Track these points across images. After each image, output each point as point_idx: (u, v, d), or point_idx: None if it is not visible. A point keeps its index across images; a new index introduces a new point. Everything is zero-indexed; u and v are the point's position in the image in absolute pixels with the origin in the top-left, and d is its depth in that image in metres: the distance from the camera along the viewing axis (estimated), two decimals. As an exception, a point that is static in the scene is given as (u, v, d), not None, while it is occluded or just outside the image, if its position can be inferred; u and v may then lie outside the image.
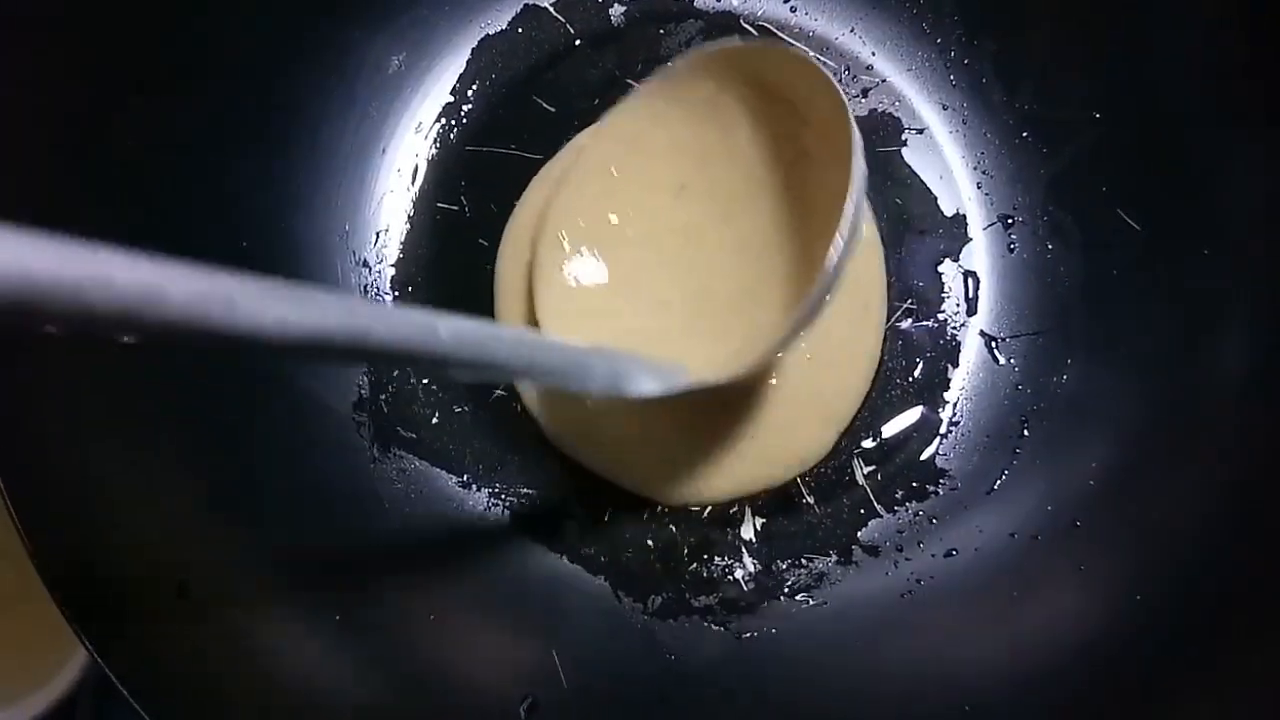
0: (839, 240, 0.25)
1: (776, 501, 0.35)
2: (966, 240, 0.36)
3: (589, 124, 0.37)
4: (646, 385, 0.27)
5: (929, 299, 0.36)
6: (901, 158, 0.37)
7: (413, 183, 0.38)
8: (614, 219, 0.33)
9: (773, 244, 0.31)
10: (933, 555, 0.34)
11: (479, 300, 0.37)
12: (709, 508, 0.35)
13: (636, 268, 0.33)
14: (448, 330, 0.19)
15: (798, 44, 0.37)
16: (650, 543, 0.35)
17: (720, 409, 0.35)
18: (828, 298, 0.26)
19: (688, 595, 0.35)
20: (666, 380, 0.27)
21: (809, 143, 0.30)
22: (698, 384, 0.28)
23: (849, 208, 0.25)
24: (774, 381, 0.35)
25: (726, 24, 0.38)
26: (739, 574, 0.35)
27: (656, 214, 0.33)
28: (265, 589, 0.30)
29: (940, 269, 0.36)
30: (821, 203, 0.29)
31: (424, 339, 0.18)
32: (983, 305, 0.36)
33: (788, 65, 0.29)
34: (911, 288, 0.36)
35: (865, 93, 0.37)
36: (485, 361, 0.20)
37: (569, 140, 0.37)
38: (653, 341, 0.31)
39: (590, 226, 0.33)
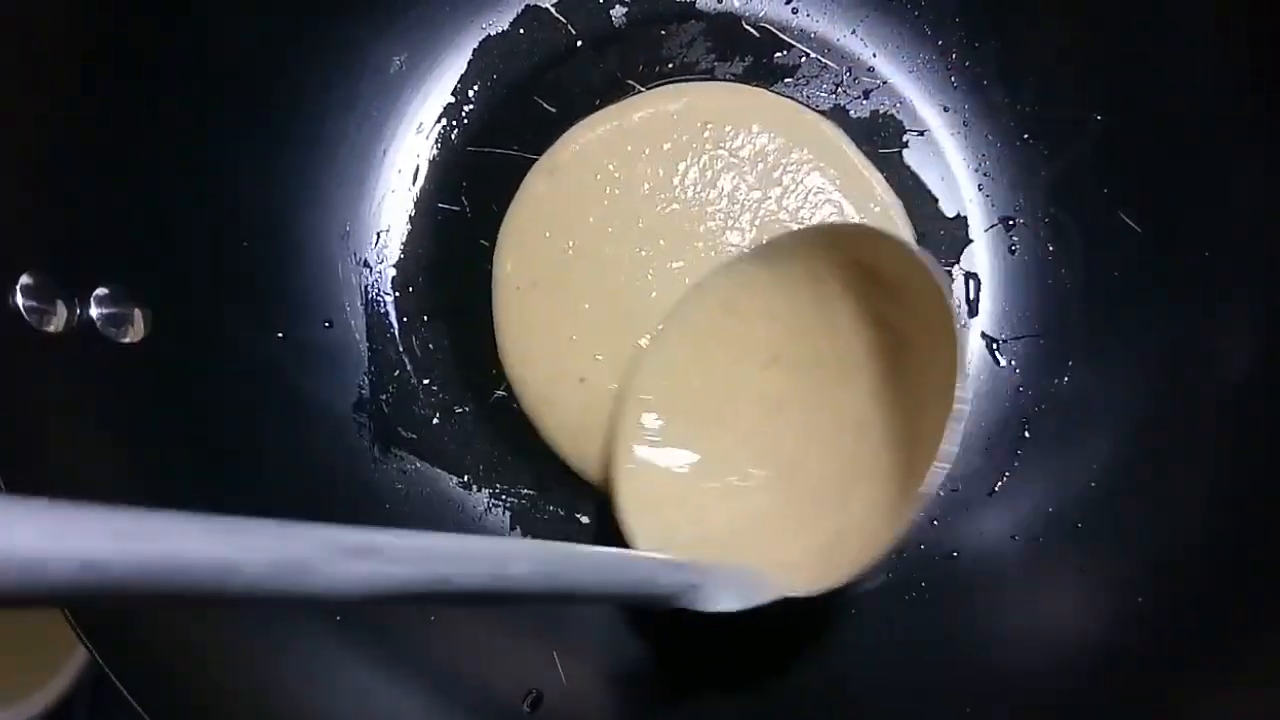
0: (938, 468, 0.24)
1: (777, 503, 0.35)
2: (968, 242, 0.36)
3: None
4: (724, 602, 0.25)
5: (930, 300, 0.36)
6: (902, 159, 0.37)
7: (414, 183, 0.38)
8: (699, 383, 0.32)
9: (867, 425, 0.30)
10: (934, 557, 0.34)
11: (479, 300, 0.37)
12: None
13: (720, 439, 0.32)
14: (520, 565, 0.19)
15: (799, 44, 0.38)
16: (651, 544, 0.35)
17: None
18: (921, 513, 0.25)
19: (689, 596, 0.34)
20: (746, 596, 0.26)
21: (910, 332, 0.29)
22: (781, 596, 0.27)
23: (950, 431, 0.24)
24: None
25: (728, 25, 0.38)
26: (740, 575, 0.35)
27: (744, 382, 0.32)
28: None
29: (941, 271, 0.36)
30: (918, 391, 0.28)
31: (497, 577, 0.19)
32: (984, 307, 0.36)
33: (889, 251, 0.28)
34: (913, 289, 0.36)
35: (866, 94, 0.37)
36: (561, 592, 0.21)
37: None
38: (735, 525, 0.30)
39: (674, 389, 0.32)
